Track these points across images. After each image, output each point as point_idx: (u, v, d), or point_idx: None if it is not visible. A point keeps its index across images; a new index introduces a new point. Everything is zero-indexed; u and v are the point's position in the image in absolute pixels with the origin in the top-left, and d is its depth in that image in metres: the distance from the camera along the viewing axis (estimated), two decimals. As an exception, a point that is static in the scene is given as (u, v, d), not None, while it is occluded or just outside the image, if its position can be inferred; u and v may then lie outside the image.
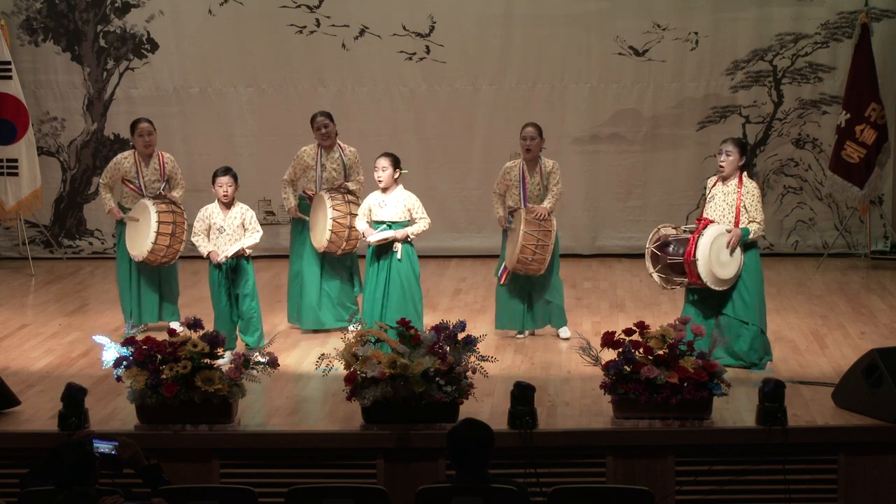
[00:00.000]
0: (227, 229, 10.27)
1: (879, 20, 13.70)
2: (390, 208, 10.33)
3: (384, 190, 10.35)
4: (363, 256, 10.63)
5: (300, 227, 11.22)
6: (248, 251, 10.30)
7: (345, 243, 10.89)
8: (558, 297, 10.83)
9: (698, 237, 9.55)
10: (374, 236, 10.26)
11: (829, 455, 8.39)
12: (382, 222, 10.32)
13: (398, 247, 10.29)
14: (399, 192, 10.38)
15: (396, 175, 10.31)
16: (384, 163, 10.33)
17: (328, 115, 11.14)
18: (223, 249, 10.22)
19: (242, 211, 10.34)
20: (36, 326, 11.45)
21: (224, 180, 10.26)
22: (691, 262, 9.53)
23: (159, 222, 10.71)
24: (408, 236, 10.32)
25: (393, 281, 10.27)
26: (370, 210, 10.39)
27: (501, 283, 10.74)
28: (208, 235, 10.30)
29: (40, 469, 7.35)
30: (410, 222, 10.34)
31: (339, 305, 11.11)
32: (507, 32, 14.04)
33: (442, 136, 14.19)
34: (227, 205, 10.30)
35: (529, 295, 10.78)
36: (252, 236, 10.30)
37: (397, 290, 10.26)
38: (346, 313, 11.01)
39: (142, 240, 10.80)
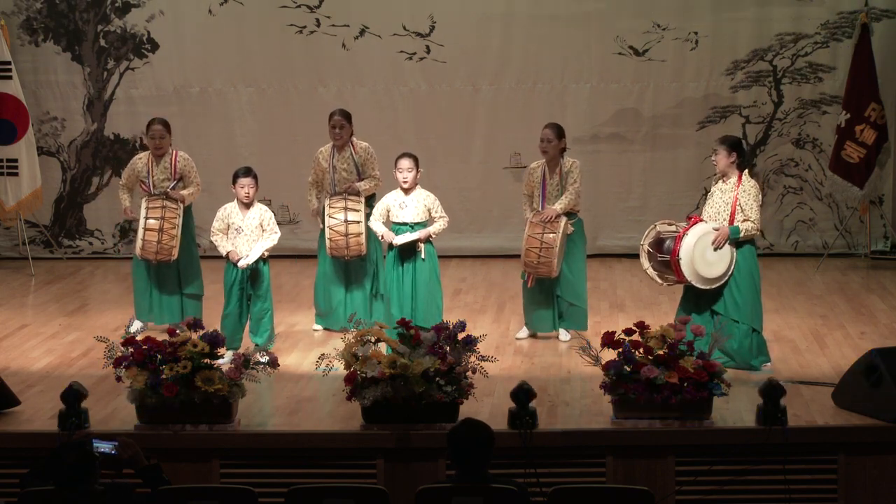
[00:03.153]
0: (246, 230, 10.25)
1: (879, 20, 13.70)
2: (411, 209, 10.30)
3: (406, 191, 10.33)
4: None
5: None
6: (265, 253, 10.27)
7: (346, 249, 10.82)
8: (580, 301, 10.68)
9: (683, 236, 9.56)
10: (400, 239, 10.23)
11: (829, 455, 8.38)
12: (404, 224, 10.30)
13: (421, 247, 10.28)
14: (419, 192, 10.35)
15: (419, 175, 10.29)
16: (408, 164, 10.26)
17: (346, 116, 10.97)
18: (241, 249, 10.19)
19: (261, 212, 10.30)
20: (36, 326, 11.45)
21: (246, 181, 10.23)
22: (675, 262, 9.54)
23: (146, 218, 10.71)
24: (430, 236, 10.31)
25: (419, 281, 10.26)
26: (388, 211, 10.35)
27: (529, 285, 10.63)
28: (227, 235, 10.30)
29: (40, 469, 7.35)
30: (429, 221, 10.33)
31: (361, 308, 10.95)
32: (507, 32, 14.03)
33: (442, 136, 14.18)
34: (247, 205, 10.28)
35: (557, 297, 10.64)
36: (270, 238, 10.27)
37: (424, 289, 10.25)
38: (368, 316, 10.86)
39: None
